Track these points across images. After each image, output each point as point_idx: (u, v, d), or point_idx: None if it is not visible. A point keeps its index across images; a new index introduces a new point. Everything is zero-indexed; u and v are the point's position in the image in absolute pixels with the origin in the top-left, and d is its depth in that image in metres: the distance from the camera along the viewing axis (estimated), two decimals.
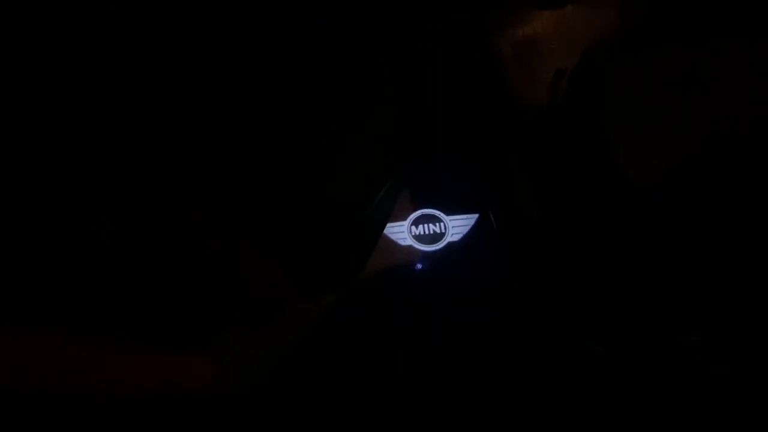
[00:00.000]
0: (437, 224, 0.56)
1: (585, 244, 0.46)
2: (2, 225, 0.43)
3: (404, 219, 0.56)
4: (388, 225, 0.55)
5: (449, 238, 0.56)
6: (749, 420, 0.40)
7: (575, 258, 0.48)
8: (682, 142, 0.42)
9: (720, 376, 0.40)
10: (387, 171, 0.51)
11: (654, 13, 0.46)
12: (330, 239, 0.48)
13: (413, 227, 0.56)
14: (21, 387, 0.39)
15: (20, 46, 0.43)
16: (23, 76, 0.44)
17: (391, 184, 0.52)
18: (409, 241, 0.55)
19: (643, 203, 0.42)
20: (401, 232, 0.56)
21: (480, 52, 0.51)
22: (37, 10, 0.44)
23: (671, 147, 0.42)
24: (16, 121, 0.44)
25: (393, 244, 0.55)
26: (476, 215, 0.56)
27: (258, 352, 0.43)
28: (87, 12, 0.44)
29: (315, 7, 0.47)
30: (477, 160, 0.53)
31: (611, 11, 0.48)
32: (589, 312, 0.46)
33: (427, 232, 0.56)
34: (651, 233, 0.42)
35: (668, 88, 0.43)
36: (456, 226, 0.56)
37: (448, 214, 0.56)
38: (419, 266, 0.55)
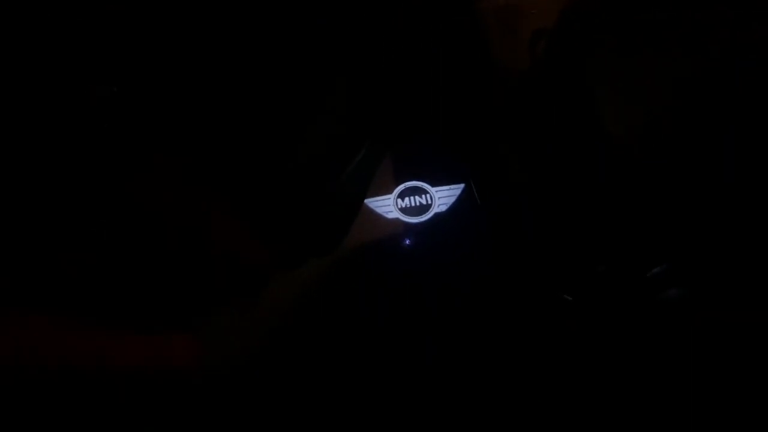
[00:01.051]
0: (423, 196, 0.56)
1: (568, 201, 0.47)
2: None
3: (390, 192, 0.56)
4: (374, 199, 0.55)
5: (436, 209, 0.56)
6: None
7: (559, 224, 0.48)
8: (661, 97, 0.42)
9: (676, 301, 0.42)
10: (358, 140, 0.51)
11: None
12: (302, 208, 0.48)
13: (399, 200, 0.56)
14: (17, 370, 0.39)
15: (18, 46, 0.43)
16: (21, 75, 0.43)
17: (368, 154, 0.51)
18: (395, 214, 0.56)
19: (624, 158, 0.42)
20: (387, 205, 0.56)
21: (461, 20, 0.51)
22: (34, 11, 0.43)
23: (652, 104, 0.42)
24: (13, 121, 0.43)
25: (379, 218, 0.55)
26: (462, 185, 0.56)
27: (240, 331, 0.44)
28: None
29: None
30: (460, 129, 0.53)
31: None
32: (567, 263, 0.47)
33: (413, 204, 0.56)
34: (630, 187, 0.43)
35: (646, 44, 0.43)
36: (442, 197, 0.56)
37: (433, 185, 0.56)
38: (407, 241, 0.55)
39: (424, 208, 0.56)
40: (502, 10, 0.50)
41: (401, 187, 0.56)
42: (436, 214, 0.56)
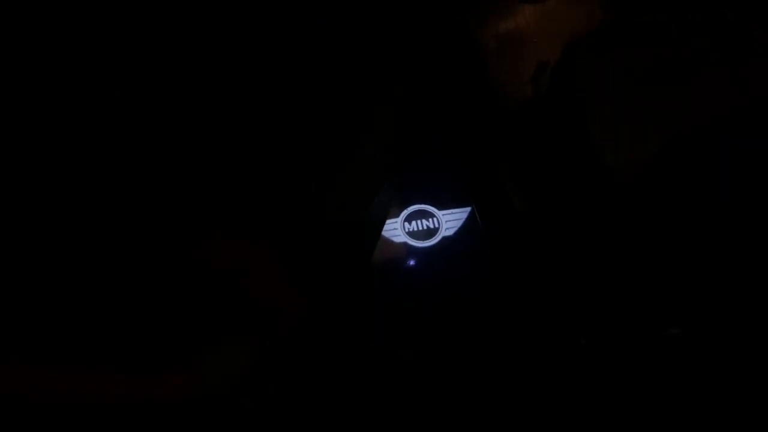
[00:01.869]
0: (430, 219, 0.57)
1: (568, 237, 0.47)
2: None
3: (397, 216, 0.56)
4: None
5: (443, 232, 0.56)
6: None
7: (559, 251, 0.48)
8: (661, 134, 0.42)
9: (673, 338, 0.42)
10: (387, 171, 0.52)
11: (634, 7, 0.46)
12: (333, 240, 0.49)
13: (406, 224, 0.56)
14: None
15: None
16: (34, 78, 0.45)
17: (388, 183, 0.53)
18: (403, 238, 0.56)
19: (624, 194, 0.42)
20: (394, 229, 0.56)
21: (465, 48, 0.51)
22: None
23: (651, 139, 0.42)
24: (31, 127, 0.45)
25: (387, 242, 0.56)
26: (469, 209, 0.56)
27: (240, 358, 0.45)
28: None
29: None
30: (464, 155, 0.53)
31: (593, 5, 0.47)
32: (573, 305, 0.47)
33: (420, 228, 0.56)
34: (631, 224, 0.43)
35: (648, 81, 0.43)
36: (449, 221, 0.57)
37: (440, 209, 0.57)
38: (411, 263, 0.55)
39: (431, 232, 0.56)
40: (504, 38, 0.50)
41: (408, 210, 0.56)
42: (444, 238, 0.56)
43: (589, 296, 0.46)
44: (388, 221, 0.56)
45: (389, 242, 0.56)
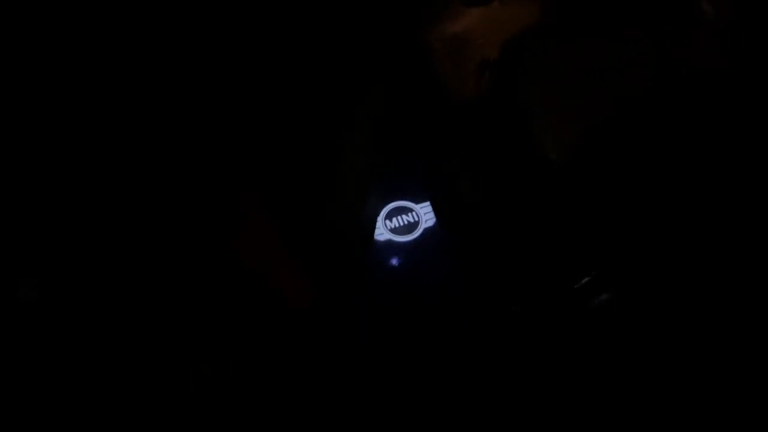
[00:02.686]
0: (410, 214, 0.59)
1: (514, 219, 0.50)
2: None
3: (377, 215, 0.59)
4: None
5: (424, 225, 0.59)
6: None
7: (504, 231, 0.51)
8: (591, 120, 0.44)
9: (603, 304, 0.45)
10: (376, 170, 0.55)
11: (569, 6, 0.47)
12: (330, 247, 0.53)
13: (387, 221, 0.59)
14: None
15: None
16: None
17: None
18: (386, 236, 0.59)
19: (559, 175, 0.45)
20: (377, 227, 0.59)
21: (414, 51, 0.53)
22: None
23: (579, 125, 0.45)
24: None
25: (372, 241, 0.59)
26: None
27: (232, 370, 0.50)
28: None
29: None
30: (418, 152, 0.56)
31: (532, 6, 0.48)
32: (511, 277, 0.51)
33: (401, 224, 0.59)
34: (567, 202, 0.46)
35: (578, 73, 0.45)
36: (428, 212, 0.59)
37: (417, 202, 0.59)
38: (394, 261, 0.58)
39: (412, 226, 0.59)
40: (451, 39, 0.52)
41: (387, 207, 0.59)
42: (426, 230, 0.59)
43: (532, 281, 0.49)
44: None
45: (374, 241, 0.59)
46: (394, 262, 0.59)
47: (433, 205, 0.56)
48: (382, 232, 0.59)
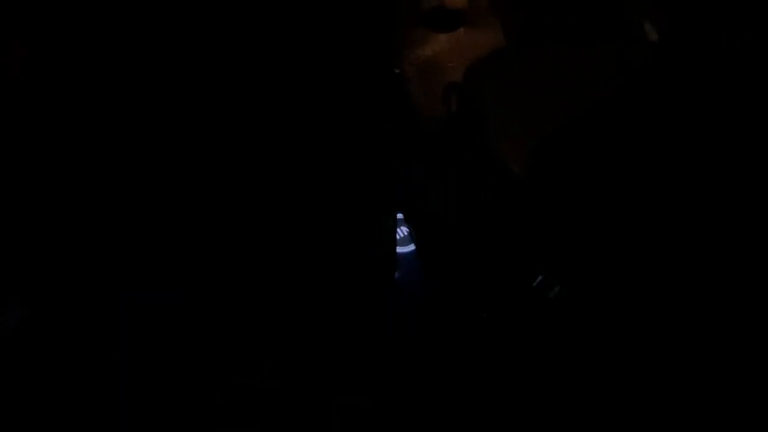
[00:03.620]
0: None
1: (483, 232, 0.53)
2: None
3: None
4: None
5: None
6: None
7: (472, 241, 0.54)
8: (548, 133, 0.48)
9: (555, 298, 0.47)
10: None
11: (528, 30, 0.51)
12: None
13: None
14: None
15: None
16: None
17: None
18: None
19: (520, 187, 0.48)
20: None
21: (387, 74, 0.56)
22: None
23: (534, 136, 0.48)
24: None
25: None
26: None
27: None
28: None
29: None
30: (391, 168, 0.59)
31: (495, 31, 0.52)
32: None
33: (400, 235, 0.61)
34: (529, 211, 0.49)
35: (534, 91, 0.48)
36: None
37: None
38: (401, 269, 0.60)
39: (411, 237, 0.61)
40: (422, 64, 0.55)
41: None
42: None
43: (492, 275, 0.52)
44: None
45: None
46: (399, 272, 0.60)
47: (405, 217, 0.58)
48: None
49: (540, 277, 0.47)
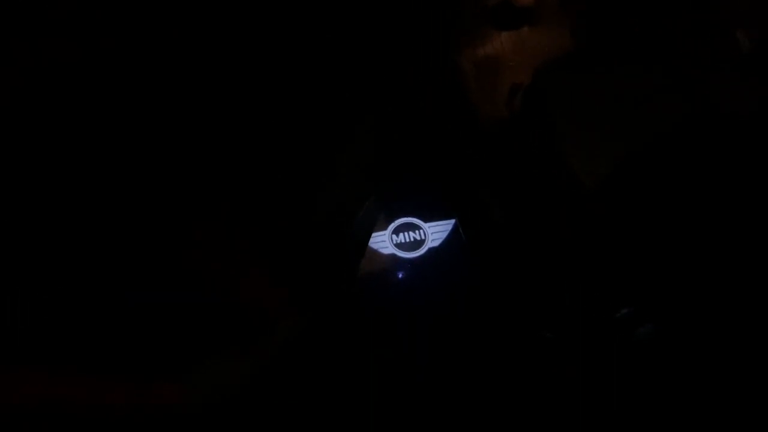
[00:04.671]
0: (417, 231, 0.59)
1: (544, 244, 0.50)
2: None
3: (385, 228, 0.59)
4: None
5: (429, 243, 0.59)
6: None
7: (536, 256, 0.51)
8: (623, 147, 0.45)
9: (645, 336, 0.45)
10: (369, 189, 0.55)
11: (598, 33, 0.49)
12: (318, 254, 0.52)
13: (394, 236, 0.59)
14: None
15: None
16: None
17: (373, 199, 0.55)
18: (390, 250, 0.59)
19: (592, 203, 0.45)
20: (383, 241, 0.59)
21: (446, 72, 0.54)
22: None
23: (614, 152, 0.45)
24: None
25: (375, 253, 0.59)
26: (453, 221, 0.59)
27: (231, 376, 0.48)
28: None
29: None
30: (446, 171, 0.56)
31: (562, 31, 0.50)
32: (543, 303, 0.50)
33: (407, 240, 0.59)
34: (598, 228, 0.46)
35: (610, 100, 0.46)
36: (435, 232, 0.59)
37: (426, 221, 0.59)
38: (400, 275, 0.58)
39: (418, 243, 0.59)
40: (482, 62, 0.53)
41: (395, 223, 0.59)
42: (430, 249, 0.59)
43: (563, 294, 0.49)
44: (376, 234, 0.59)
45: (378, 253, 0.58)
46: (395, 277, 0.59)
47: (462, 226, 0.56)
48: (387, 245, 0.59)
49: (626, 310, 0.44)
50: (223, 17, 0.51)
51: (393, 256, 0.59)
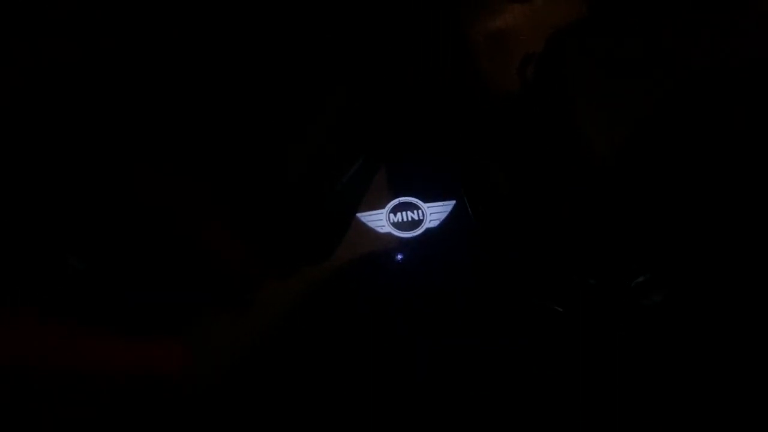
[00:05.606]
0: (415, 211, 0.58)
1: (554, 215, 0.49)
2: None
3: (382, 207, 0.57)
4: (367, 213, 0.57)
5: (427, 224, 0.58)
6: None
7: (546, 231, 0.50)
8: (639, 117, 0.44)
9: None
10: (350, 156, 0.53)
11: (615, 2, 0.48)
12: (293, 220, 0.50)
13: (391, 215, 0.58)
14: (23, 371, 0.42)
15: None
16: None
17: (361, 168, 0.54)
18: (387, 228, 0.57)
19: (607, 174, 0.44)
20: (380, 219, 0.58)
21: (454, 44, 0.53)
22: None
23: (630, 121, 0.44)
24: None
25: (371, 232, 0.57)
26: (453, 202, 0.57)
27: (230, 338, 0.46)
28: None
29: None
30: (451, 148, 0.55)
31: (574, 3, 0.49)
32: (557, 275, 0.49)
33: (405, 220, 0.58)
34: (611, 201, 0.45)
35: (625, 68, 0.45)
36: (434, 213, 0.58)
37: (425, 201, 0.58)
38: (400, 257, 0.57)
39: (415, 223, 0.58)
40: (493, 34, 0.52)
41: (394, 202, 0.58)
42: (428, 230, 0.58)
43: (579, 279, 0.48)
44: (373, 212, 0.57)
45: (374, 231, 0.57)
46: (391, 256, 0.57)
47: (469, 201, 0.54)
48: (384, 224, 0.58)
49: (641, 278, 0.43)
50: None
51: (389, 235, 0.57)
